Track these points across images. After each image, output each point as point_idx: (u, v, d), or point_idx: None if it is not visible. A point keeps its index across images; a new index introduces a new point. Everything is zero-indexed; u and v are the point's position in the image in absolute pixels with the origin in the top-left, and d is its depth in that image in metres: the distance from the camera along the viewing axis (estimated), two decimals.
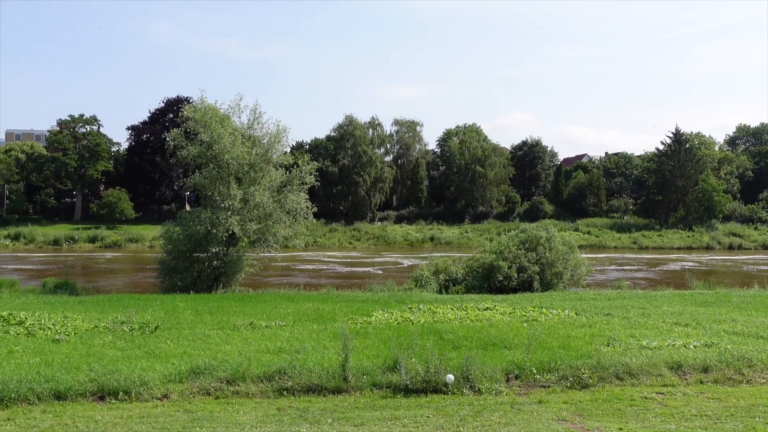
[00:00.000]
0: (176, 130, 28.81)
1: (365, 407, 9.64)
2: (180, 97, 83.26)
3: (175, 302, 20.73)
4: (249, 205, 27.85)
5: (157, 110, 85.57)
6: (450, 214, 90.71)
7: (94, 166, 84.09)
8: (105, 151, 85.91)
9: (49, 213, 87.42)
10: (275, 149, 29.32)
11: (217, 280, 27.75)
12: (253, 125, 29.56)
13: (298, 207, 28.81)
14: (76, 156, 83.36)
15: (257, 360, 11.63)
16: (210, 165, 28.12)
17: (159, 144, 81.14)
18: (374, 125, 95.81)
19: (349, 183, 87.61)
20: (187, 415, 9.15)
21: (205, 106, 28.78)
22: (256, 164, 28.22)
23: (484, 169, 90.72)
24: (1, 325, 15.60)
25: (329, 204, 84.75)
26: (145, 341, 13.75)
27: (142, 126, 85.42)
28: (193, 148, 27.83)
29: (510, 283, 26.32)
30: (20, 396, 9.68)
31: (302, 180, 29.09)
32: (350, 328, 14.42)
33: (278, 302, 21.26)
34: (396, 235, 78.61)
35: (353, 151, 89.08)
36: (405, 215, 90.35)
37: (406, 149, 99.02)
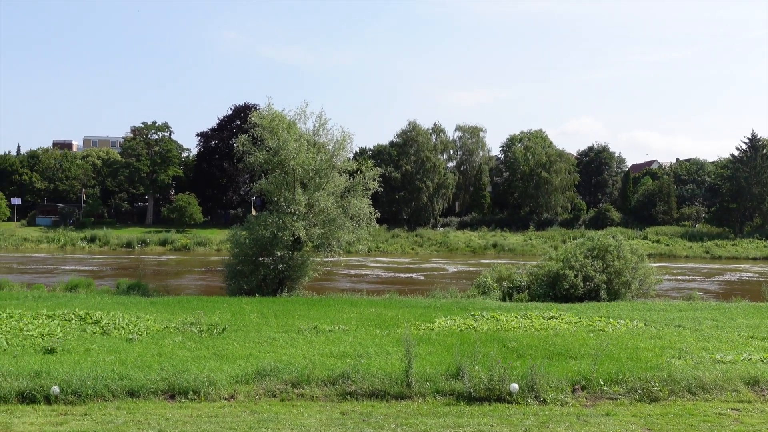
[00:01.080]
0: (244, 136, 29.47)
1: (428, 414, 9.62)
2: (247, 104, 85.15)
3: (241, 305, 21.17)
4: (314, 210, 28.24)
5: (225, 117, 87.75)
6: (513, 220, 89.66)
7: (166, 172, 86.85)
8: (176, 157, 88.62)
9: (122, 216, 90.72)
10: (339, 155, 29.66)
11: (282, 284, 28.20)
12: (319, 131, 29.98)
13: (361, 212, 29.04)
14: (148, 162, 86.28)
15: (321, 364, 11.77)
16: (276, 170, 28.65)
17: (227, 150, 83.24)
18: (437, 131, 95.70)
19: (411, 189, 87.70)
20: (253, 416, 9.33)
21: (271, 112, 29.38)
22: (321, 170, 28.59)
23: (549, 176, 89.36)
24: (79, 324, 16.28)
25: (392, 209, 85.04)
26: (213, 342, 14.10)
27: (210, 132, 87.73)
28: (260, 153, 28.43)
29: (576, 291, 25.80)
30: (96, 392, 10.07)
31: (366, 186, 29.30)
32: (413, 334, 14.42)
33: (341, 307, 21.45)
34: (458, 241, 78.19)
35: (416, 157, 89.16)
36: (467, 221, 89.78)
37: (469, 155, 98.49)
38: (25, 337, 14.22)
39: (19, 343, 13.66)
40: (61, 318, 17.00)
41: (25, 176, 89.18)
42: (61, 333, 14.81)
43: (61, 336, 14.36)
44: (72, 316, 17.27)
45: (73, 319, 16.87)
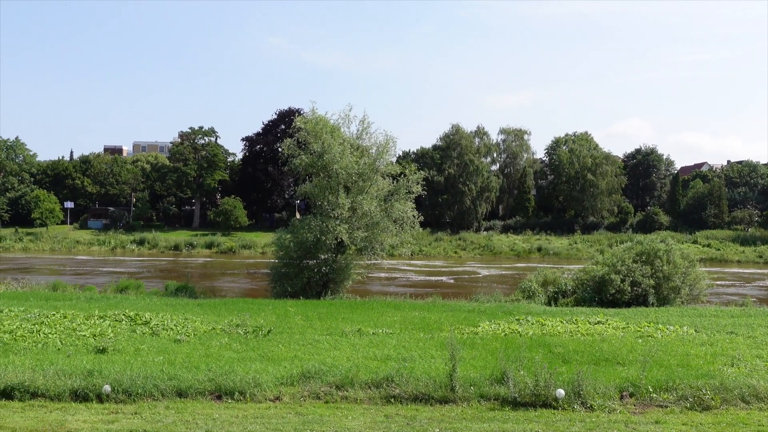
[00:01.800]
0: (289, 140, 29.81)
1: (473, 418, 9.56)
2: (291, 108, 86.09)
3: (286, 307, 21.37)
4: (357, 213, 28.37)
5: (270, 122, 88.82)
6: (558, 224, 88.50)
7: (212, 176, 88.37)
8: (222, 161, 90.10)
9: (170, 220, 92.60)
10: (383, 159, 29.76)
11: (326, 287, 28.38)
12: (362, 135, 30.15)
13: (404, 216, 29.06)
14: (195, 166, 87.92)
15: (365, 366, 11.80)
16: (320, 174, 28.90)
17: (271, 154, 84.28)
18: (480, 134, 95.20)
19: (455, 192, 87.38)
20: (298, 418, 9.41)
21: (315, 117, 29.66)
22: (365, 173, 28.73)
23: (595, 178, 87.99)
24: (129, 325, 16.66)
25: (435, 213, 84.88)
26: (258, 344, 14.27)
27: (255, 137, 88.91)
28: (305, 157, 28.72)
29: (622, 296, 25.31)
30: (146, 392, 10.29)
31: (409, 189, 29.33)
32: (457, 338, 14.36)
33: (385, 310, 21.48)
34: (502, 245, 77.58)
35: (459, 160, 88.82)
36: (511, 225, 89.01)
37: (513, 158, 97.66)
38: (78, 337, 14.62)
39: (72, 342, 14.05)
40: (112, 319, 17.42)
41: (77, 180, 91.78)
42: (112, 333, 15.19)
43: (112, 336, 14.72)
44: (122, 316, 17.69)
45: (124, 320, 17.27)
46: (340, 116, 29.96)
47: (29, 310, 18.44)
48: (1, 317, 17.20)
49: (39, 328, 15.46)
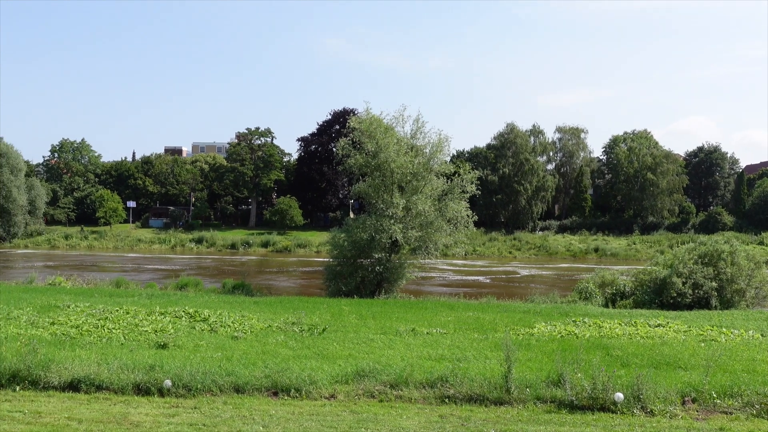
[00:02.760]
0: (344, 140, 30.04)
1: (528, 421, 9.44)
2: (346, 109, 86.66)
3: (340, 306, 21.54)
4: (411, 213, 28.38)
5: (325, 122, 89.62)
6: (616, 224, 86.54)
7: (268, 176, 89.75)
8: (277, 162, 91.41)
9: (227, 219, 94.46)
10: (437, 158, 29.67)
11: (380, 286, 28.50)
12: (416, 135, 30.13)
13: (458, 215, 28.94)
14: (252, 166, 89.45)
15: (419, 366, 11.79)
16: (374, 174, 29.01)
17: (326, 154, 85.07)
18: (536, 133, 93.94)
19: (509, 192, 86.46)
20: (353, 416, 9.46)
21: (370, 117, 29.78)
22: (419, 173, 28.72)
23: (655, 177, 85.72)
24: (188, 321, 17.08)
25: (489, 213, 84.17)
26: (313, 342, 14.42)
27: (310, 137, 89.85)
28: (359, 157, 28.89)
29: (684, 299, 24.63)
30: (205, 387, 10.52)
31: (463, 188, 29.18)
32: (512, 339, 14.20)
33: (438, 309, 21.43)
34: (558, 245, 76.39)
35: (514, 159, 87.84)
36: (568, 225, 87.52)
37: (570, 157, 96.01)
38: (140, 333, 15.06)
39: (134, 338, 14.48)
40: (172, 315, 17.89)
41: (139, 180, 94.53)
42: (172, 329, 15.59)
43: (173, 332, 15.11)
44: (182, 313, 18.15)
45: (183, 317, 17.72)
46: (394, 116, 30.06)
47: (94, 306, 19.11)
48: (68, 312, 17.87)
49: (103, 323, 15.99)
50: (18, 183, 78.76)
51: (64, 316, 17.12)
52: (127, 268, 52.20)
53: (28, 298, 21.16)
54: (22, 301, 19.95)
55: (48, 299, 20.70)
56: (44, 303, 19.65)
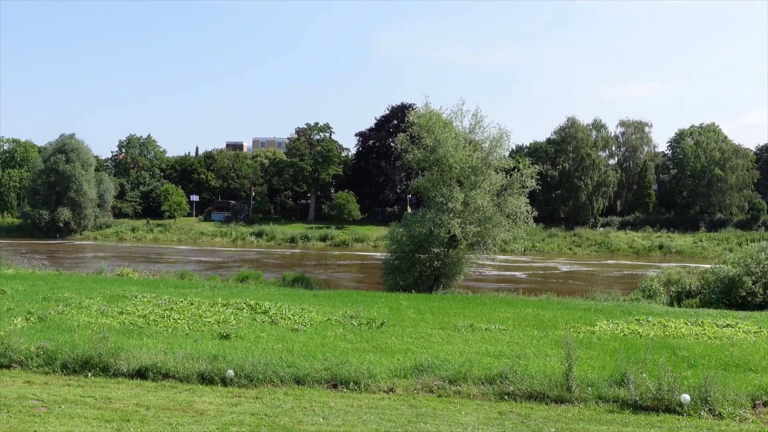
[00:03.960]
0: (402, 135, 30.05)
1: (590, 420, 9.27)
2: (404, 104, 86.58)
3: (398, 300, 21.61)
4: (470, 208, 28.20)
5: (383, 117, 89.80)
6: (681, 221, 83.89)
7: (326, 170, 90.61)
8: (336, 156, 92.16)
9: (287, 213, 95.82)
10: (496, 153, 29.39)
11: (437, 281, 28.44)
12: (475, 129, 29.91)
13: (517, 211, 28.62)
14: (311, 161, 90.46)
15: (478, 362, 11.73)
16: (433, 168, 28.93)
17: (384, 149, 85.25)
18: (597, 127, 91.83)
19: (569, 187, 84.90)
20: (411, 410, 9.48)
21: (428, 111, 29.70)
22: (478, 168, 28.50)
23: (723, 173, 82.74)
24: (250, 313, 17.43)
25: (549, 208, 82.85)
26: (372, 336, 14.52)
27: (368, 132, 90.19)
28: (417, 152, 28.86)
29: (754, 299, 23.74)
30: (266, 378, 10.72)
31: (522, 184, 28.83)
32: (573, 336, 13.96)
33: (497, 305, 21.27)
34: (620, 242, 74.59)
35: (575, 154, 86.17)
36: (630, 221, 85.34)
37: (633, 152, 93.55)
38: (204, 323, 15.45)
39: (198, 328, 14.87)
40: (234, 307, 18.29)
41: (202, 175, 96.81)
42: (234, 321, 15.94)
43: (235, 323, 15.44)
44: (244, 305, 18.53)
45: (245, 309, 18.09)
46: (452, 110, 29.91)
47: (160, 297, 19.70)
48: (136, 302, 18.48)
49: (169, 314, 16.48)
50: (88, 177, 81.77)
51: (131, 306, 17.72)
52: (190, 261, 53.60)
53: (98, 288, 21.98)
54: (93, 291, 20.74)
55: (116, 289, 21.46)
56: (113, 293, 20.38)
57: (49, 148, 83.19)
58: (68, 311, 16.22)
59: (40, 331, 13.51)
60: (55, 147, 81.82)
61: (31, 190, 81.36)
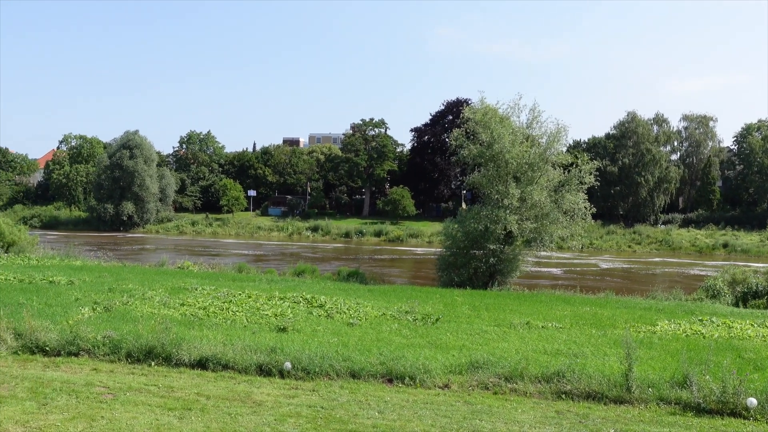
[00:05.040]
0: (457, 131, 29.88)
1: (650, 422, 9.05)
2: (459, 99, 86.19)
3: (453, 296, 21.52)
4: (526, 204, 27.86)
5: (438, 113, 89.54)
6: (747, 218, 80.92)
7: (381, 166, 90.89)
8: (390, 152, 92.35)
9: (342, 208, 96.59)
10: (553, 148, 28.93)
11: (493, 278, 28.21)
12: (532, 124, 29.50)
13: (575, 207, 28.13)
14: (366, 157, 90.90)
15: (534, 360, 11.59)
16: (489, 164, 28.67)
17: (439, 145, 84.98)
18: (659, 121, 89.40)
19: (629, 183, 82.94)
20: (467, 407, 9.44)
21: (484, 107, 29.44)
22: (535, 163, 28.12)
23: None
24: (306, 307, 17.65)
25: (607, 205, 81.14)
26: (427, 331, 14.51)
27: (423, 128, 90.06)
28: (473, 147, 28.65)
29: None
30: (322, 371, 10.84)
31: (581, 180, 28.31)
32: (632, 336, 13.65)
33: (554, 303, 20.97)
34: (682, 239, 72.46)
35: (635, 149, 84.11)
36: (693, 219, 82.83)
37: (696, 147, 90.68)
38: (261, 316, 15.72)
39: (256, 321, 15.14)
40: (290, 300, 18.55)
41: (259, 170, 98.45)
42: (291, 314, 16.16)
43: (291, 317, 15.66)
44: (300, 299, 18.77)
45: (301, 302, 18.32)
46: (509, 105, 29.57)
47: (219, 289, 20.14)
48: (196, 295, 18.93)
49: (228, 306, 16.83)
50: (150, 172, 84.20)
51: (192, 298, 18.16)
52: (247, 254, 54.59)
53: (160, 280, 22.62)
54: (155, 283, 21.34)
55: (177, 282, 22.03)
56: (174, 285, 20.93)
57: (114, 144, 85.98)
58: (132, 302, 16.74)
59: (106, 320, 13.98)
60: (119, 143, 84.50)
61: (97, 185, 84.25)
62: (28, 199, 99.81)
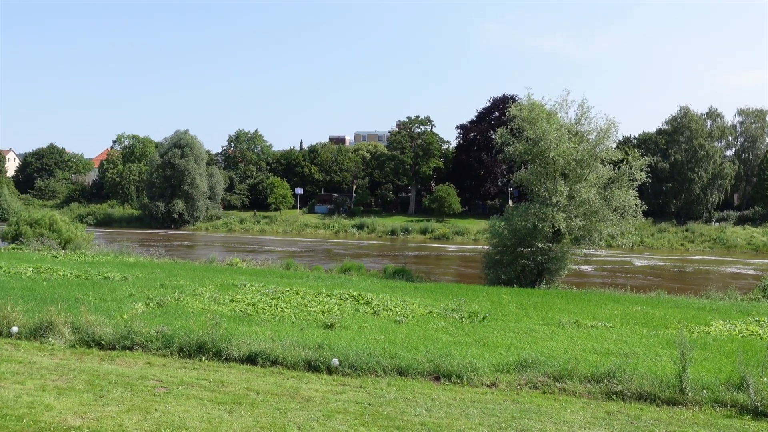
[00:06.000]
0: (503, 129, 29.64)
1: (705, 424, 8.83)
2: (506, 95, 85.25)
3: (500, 295, 21.37)
4: (575, 201, 27.45)
5: (484, 109, 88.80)
6: None
7: (427, 163, 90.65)
8: (436, 150, 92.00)
9: (387, 206, 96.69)
10: (603, 144, 28.40)
11: (540, 276, 27.89)
12: (581, 120, 29.05)
13: (625, 204, 27.58)
14: (411, 154, 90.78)
15: (584, 359, 11.43)
16: (536, 161, 28.34)
17: (485, 142, 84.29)
18: (713, 116, 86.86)
19: (681, 180, 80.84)
20: (515, 406, 9.37)
21: (530, 103, 29.10)
22: (583, 160, 27.67)
23: None
24: (353, 304, 17.75)
25: (658, 202, 79.31)
26: (473, 329, 14.45)
27: (469, 125, 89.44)
28: (519, 145, 28.36)
29: None
30: (369, 368, 10.89)
31: (631, 176, 27.74)
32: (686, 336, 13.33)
33: (603, 302, 20.66)
34: (737, 238, 70.30)
35: (687, 145, 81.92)
36: (749, 216, 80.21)
37: (752, 142, 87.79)
38: (309, 313, 15.89)
39: (304, 317, 15.31)
40: (337, 297, 18.69)
41: (306, 168, 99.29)
42: (338, 311, 16.29)
43: (338, 314, 15.78)
44: (347, 296, 18.90)
45: (348, 299, 18.44)
46: (556, 101, 29.20)
47: (267, 286, 20.42)
48: (245, 291, 19.24)
49: (276, 303, 17.06)
50: (200, 171, 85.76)
51: (241, 294, 18.46)
52: (294, 251, 55.15)
53: (210, 276, 23.06)
54: (205, 279, 21.77)
55: (227, 278, 22.42)
56: (224, 282, 21.31)
57: (165, 143, 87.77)
58: (183, 298, 17.11)
59: (158, 316, 14.33)
60: (170, 142, 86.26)
61: (149, 183, 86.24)
62: (83, 198, 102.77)
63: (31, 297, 16.08)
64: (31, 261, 26.09)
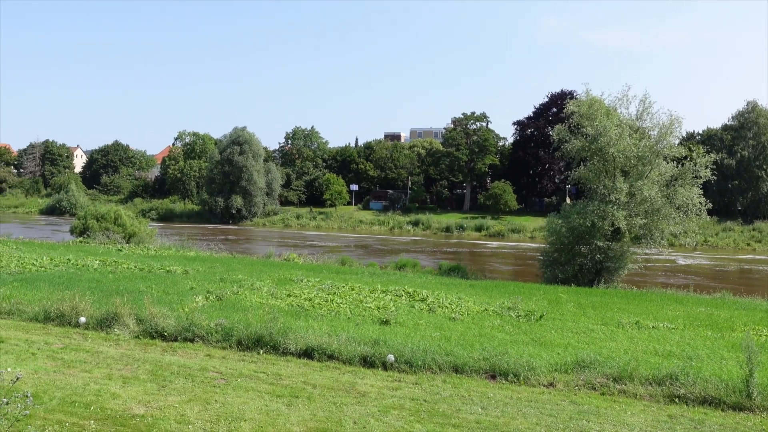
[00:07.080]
0: (560, 126, 29.14)
1: None
2: (564, 91, 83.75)
3: (557, 293, 21.05)
4: (635, 199, 26.79)
5: (541, 105, 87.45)
6: None
7: (482, 160, 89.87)
8: (492, 146, 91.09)
9: (442, 203, 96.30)
10: (665, 141, 27.63)
11: (599, 275, 27.34)
12: (642, 116, 28.32)
13: (689, 202, 26.76)
14: (467, 151, 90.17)
15: (645, 361, 11.17)
16: (594, 158, 27.79)
17: (542, 138, 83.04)
18: None
19: (748, 177, 77.89)
20: (573, 407, 9.22)
21: (589, 99, 28.55)
22: (644, 157, 26.98)
23: None
24: (408, 300, 17.77)
25: (724, 200, 76.59)
26: (530, 328, 14.28)
27: (526, 121, 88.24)
28: (577, 141, 27.85)
29: None
30: (425, 364, 10.89)
31: (695, 174, 26.90)
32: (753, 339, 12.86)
33: (664, 302, 20.14)
34: None
35: (755, 141, 78.85)
36: None
37: None
38: (364, 309, 15.98)
39: (359, 313, 15.41)
40: (392, 294, 18.74)
41: (361, 165, 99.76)
42: (393, 307, 16.33)
43: (394, 310, 15.83)
44: (402, 292, 18.93)
45: (403, 296, 18.47)
46: (616, 97, 28.58)
47: (323, 281, 20.62)
48: (301, 286, 19.48)
49: (332, 298, 17.22)
50: (258, 167, 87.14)
51: (297, 289, 18.70)
52: (349, 247, 55.53)
53: (267, 271, 23.43)
54: (263, 274, 22.14)
55: (284, 273, 22.75)
56: (281, 276, 21.63)
57: (224, 140, 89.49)
58: (242, 292, 17.45)
59: (218, 309, 14.65)
60: (229, 139, 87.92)
61: (209, 179, 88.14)
62: (146, 193, 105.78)
63: (98, 289, 16.67)
64: (97, 254, 27.03)
